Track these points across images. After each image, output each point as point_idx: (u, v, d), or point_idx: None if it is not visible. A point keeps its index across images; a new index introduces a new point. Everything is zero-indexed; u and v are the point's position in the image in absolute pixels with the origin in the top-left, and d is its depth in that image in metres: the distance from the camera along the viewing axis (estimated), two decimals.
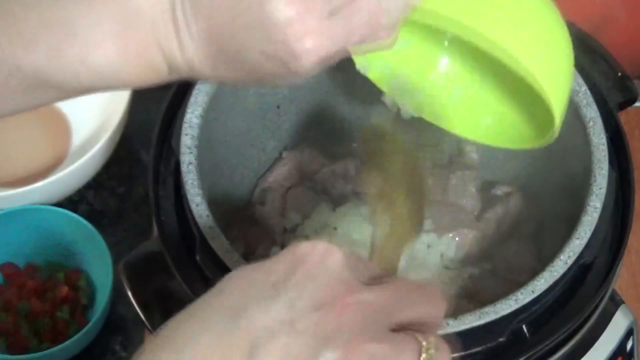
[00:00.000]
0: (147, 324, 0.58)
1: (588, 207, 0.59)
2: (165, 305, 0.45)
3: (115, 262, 0.73)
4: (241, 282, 0.40)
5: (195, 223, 0.58)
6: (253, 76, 0.49)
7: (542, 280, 0.56)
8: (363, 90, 0.75)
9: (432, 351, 0.41)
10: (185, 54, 0.48)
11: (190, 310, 0.40)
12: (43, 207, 0.77)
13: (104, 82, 0.49)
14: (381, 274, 0.43)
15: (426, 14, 0.49)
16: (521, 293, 0.55)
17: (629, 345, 0.65)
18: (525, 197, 0.74)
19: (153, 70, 0.49)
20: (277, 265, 0.40)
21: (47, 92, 0.50)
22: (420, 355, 0.40)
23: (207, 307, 0.39)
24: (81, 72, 0.48)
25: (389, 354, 0.39)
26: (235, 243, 0.65)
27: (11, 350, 0.74)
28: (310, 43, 0.46)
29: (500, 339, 0.55)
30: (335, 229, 0.70)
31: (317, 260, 0.40)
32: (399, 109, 0.62)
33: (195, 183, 0.59)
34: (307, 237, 0.71)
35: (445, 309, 0.43)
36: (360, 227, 0.69)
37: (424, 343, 0.41)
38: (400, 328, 0.41)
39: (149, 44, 0.48)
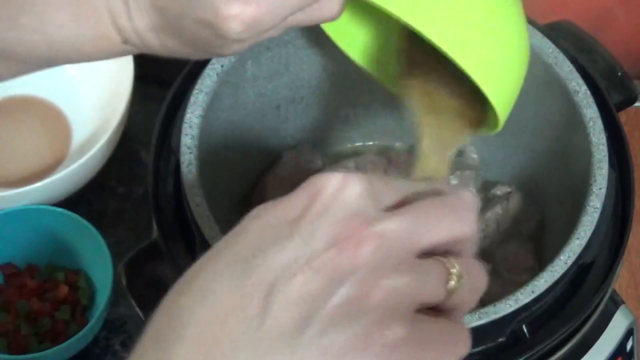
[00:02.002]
0: (147, 324, 0.58)
1: (588, 207, 0.59)
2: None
3: (115, 262, 0.73)
4: (258, 223, 0.39)
5: (195, 223, 0.58)
6: (194, 45, 0.51)
7: (542, 280, 0.56)
8: (363, 90, 0.75)
9: (460, 277, 0.39)
10: (134, 23, 0.50)
11: (208, 256, 0.39)
12: (43, 207, 0.77)
13: (62, 53, 0.51)
14: (406, 193, 0.41)
15: None
16: (521, 293, 0.55)
17: (629, 345, 0.65)
18: (525, 197, 0.74)
19: (107, 40, 0.51)
20: (293, 201, 0.39)
21: (8, 66, 0.52)
22: (447, 282, 0.39)
23: (224, 251, 0.39)
24: (38, 42, 0.50)
25: (411, 286, 0.38)
26: None
27: (11, 350, 0.74)
28: (237, 7, 0.47)
29: (500, 339, 0.55)
30: None
31: (333, 193, 0.38)
32: None
33: (195, 183, 0.59)
34: None
35: (475, 220, 0.41)
36: None
37: (453, 270, 0.39)
38: (428, 254, 0.39)
39: (101, 12, 0.50)
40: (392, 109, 0.77)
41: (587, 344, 0.61)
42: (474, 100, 0.57)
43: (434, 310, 0.40)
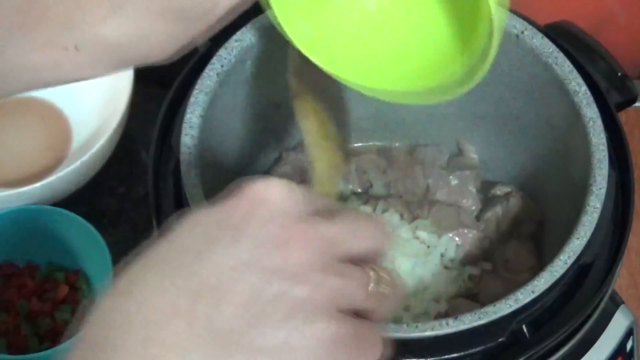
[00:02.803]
0: None
1: (588, 207, 0.59)
2: None
3: (115, 262, 0.73)
4: (200, 225, 0.40)
5: None
6: (182, 14, 0.51)
7: (542, 280, 0.56)
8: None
9: (378, 281, 0.42)
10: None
11: (151, 257, 0.39)
12: (43, 207, 0.77)
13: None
14: (328, 204, 0.43)
15: None
16: (521, 293, 0.55)
17: (629, 345, 0.65)
18: (525, 197, 0.74)
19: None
20: (234, 205, 0.40)
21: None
22: (367, 285, 0.41)
23: (166, 253, 0.39)
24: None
25: (345, 286, 0.40)
26: None
27: (11, 350, 0.74)
28: None
29: (500, 339, 0.55)
30: None
31: (274, 200, 0.40)
32: None
33: (195, 183, 0.59)
34: None
35: (387, 241, 0.43)
36: None
37: (372, 274, 0.41)
38: (348, 260, 0.41)
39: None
40: (392, 109, 0.77)
41: (587, 344, 0.61)
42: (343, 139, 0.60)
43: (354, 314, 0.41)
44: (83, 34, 0.50)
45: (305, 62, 0.57)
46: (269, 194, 0.40)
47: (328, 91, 0.59)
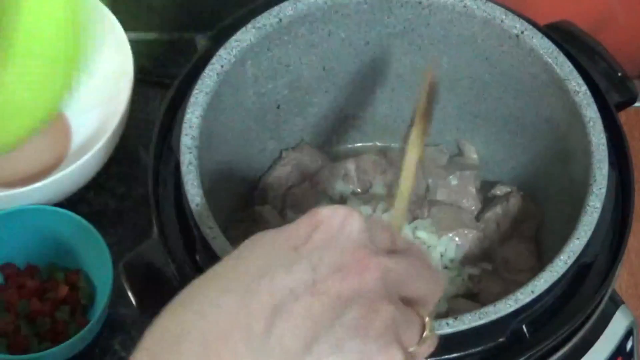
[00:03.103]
0: (147, 323, 0.58)
1: (588, 207, 0.59)
2: (165, 305, 0.44)
3: (115, 262, 0.73)
4: (262, 247, 0.40)
5: (195, 223, 0.58)
6: None
7: (542, 280, 0.56)
8: (363, 90, 0.75)
9: (432, 329, 0.42)
10: None
11: (210, 275, 0.40)
12: (43, 207, 0.77)
13: None
14: (397, 241, 0.43)
15: None
16: (521, 293, 0.55)
17: (629, 345, 0.65)
18: (525, 197, 0.74)
19: None
20: (297, 229, 0.41)
21: None
22: (424, 331, 0.41)
23: (228, 271, 0.40)
24: None
25: (403, 322, 0.40)
26: (235, 243, 0.64)
27: (11, 350, 0.74)
28: None
29: (500, 339, 0.55)
30: None
31: (338, 224, 0.40)
32: None
33: (195, 183, 0.59)
34: None
35: (443, 289, 0.44)
36: None
37: (427, 319, 0.42)
38: (406, 302, 0.41)
39: None
40: (392, 109, 0.77)
41: (587, 344, 0.61)
42: None
43: None
44: None
45: (433, 86, 0.58)
46: (333, 218, 0.40)
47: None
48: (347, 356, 0.38)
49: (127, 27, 0.81)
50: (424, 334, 0.42)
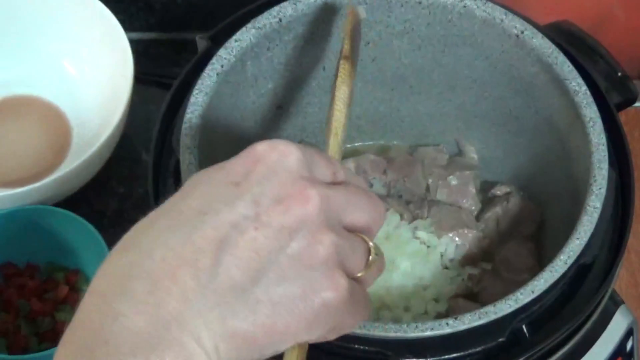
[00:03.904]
0: None
1: (588, 207, 0.59)
2: None
3: None
4: (204, 184, 0.41)
5: None
6: None
7: (542, 280, 0.56)
8: (362, 90, 0.75)
9: (377, 252, 0.43)
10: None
11: (154, 215, 0.41)
12: (43, 207, 0.77)
13: None
14: (337, 173, 0.44)
15: None
16: (521, 293, 0.55)
17: (629, 345, 0.65)
18: (525, 197, 0.74)
19: None
20: (237, 165, 0.41)
21: None
22: (369, 255, 0.43)
23: (171, 210, 0.41)
24: None
25: (347, 248, 0.41)
26: None
27: (11, 350, 0.74)
28: None
29: (500, 339, 0.55)
30: None
31: (277, 158, 0.41)
32: None
33: None
34: None
35: (384, 218, 0.45)
36: None
37: (371, 244, 0.43)
38: (349, 229, 0.42)
39: None
40: (392, 109, 0.77)
41: (587, 344, 0.61)
42: None
43: None
44: None
45: (356, 26, 0.60)
46: (271, 152, 0.41)
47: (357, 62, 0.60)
48: (293, 284, 0.39)
49: (127, 27, 0.81)
50: (370, 257, 0.43)
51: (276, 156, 0.41)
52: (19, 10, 0.86)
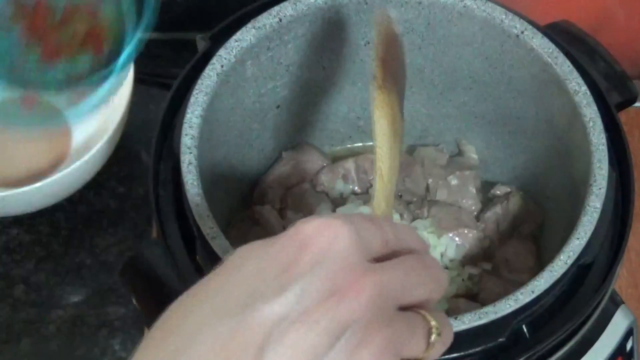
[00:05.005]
0: (147, 324, 0.58)
1: (588, 207, 0.59)
2: (165, 305, 0.45)
3: (115, 262, 0.73)
4: (250, 265, 0.39)
5: (195, 223, 0.58)
6: None
7: (542, 280, 0.56)
8: (362, 90, 0.75)
9: (439, 330, 0.41)
10: None
11: (199, 294, 0.39)
12: None
13: None
14: (389, 239, 0.41)
15: None
16: (521, 293, 0.55)
17: (629, 345, 0.65)
18: (525, 197, 0.74)
19: None
20: (285, 246, 0.39)
21: None
22: (430, 335, 0.40)
23: (218, 292, 0.38)
24: None
25: (403, 336, 0.38)
26: (235, 243, 0.65)
27: (45, 57, 0.64)
28: None
29: (500, 339, 0.55)
30: None
31: (326, 243, 0.38)
32: None
33: (195, 183, 0.59)
34: None
35: (446, 285, 0.42)
36: None
37: (433, 322, 0.40)
38: (408, 307, 0.40)
39: None
40: None
41: (587, 344, 0.61)
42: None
43: None
44: None
45: (390, 44, 0.54)
46: (320, 236, 0.38)
47: (402, 87, 0.54)
48: None
49: None
50: (432, 338, 0.40)
51: (326, 240, 0.38)
52: None
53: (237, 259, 0.39)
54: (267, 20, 0.66)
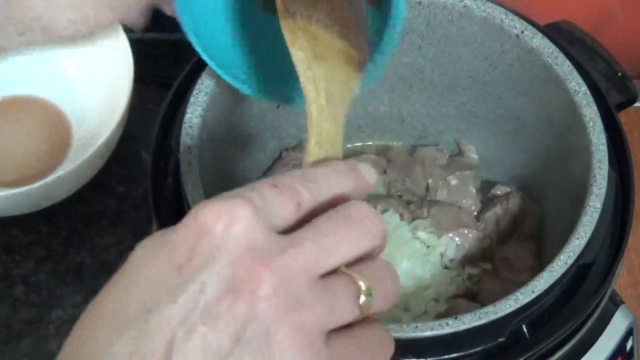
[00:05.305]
0: None
1: (588, 207, 0.59)
2: None
3: (115, 262, 0.73)
4: (145, 269, 0.36)
5: None
6: None
7: (542, 280, 0.56)
8: (361, 90, 0.75)
9: (369, 290, 0.37)
10: None
11: (98, 310, 0.36)
12: None
13: None
14: (303, 198, 0.38)
15: None
16: (521, 293, 0.55)
17: (628, 345, 0.65)
18: (525, 197, 0.74)
19: None
20: (179, 240, 0.36)
21: None
22: (358, 298, 0.37)
23: (115, 305, 0.36)
24: None
25: (320, 315, 0.36)
26: None
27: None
28: None
29: (500, 339, 0.55)
30: None
31: (222, 229, 0.35)
32: None
33: (195, 183, 0.59)
34: None
35: (382, 229, 0.38)
36: None
37: (360, 283, 0.37)
38: (333, 271, 0.37)
39: None
40: (392, 109, 0.77)
41: (587, 344, 0.61)
42: (357, 35, 0.50)
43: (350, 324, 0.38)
44: None
45: None
46: (215, 223, 0.35)
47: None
48: None
49: (127, 27, 0.81)
50: (360, 300, 0.37)
51: (221, 226, 0.35)
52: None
53: (138, 257, 0.37)
54: None
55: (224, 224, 0.35)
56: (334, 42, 0.48)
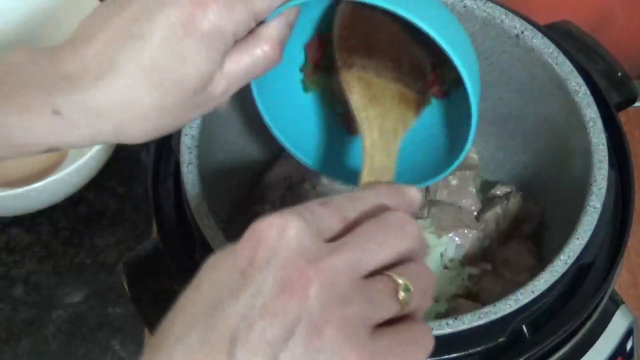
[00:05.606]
0: (146, 324, 0.58)
1: (588, 207, 0.59)
2: (165, 305, 0.45)
3: (115, 262, 0.73)
4: (214, 273, 0.41)
5: (195, 223, 0.58)
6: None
7: (542, 280, 0.56)
8: None
9: (407, 287, 0.41)
10: None
11: (177, 309, 0.41)
12: None
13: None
14: (347, 212, 0.43)
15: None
16: (521, 293, 0.55)
17: (628, 345, 0.65)
18: (525, 197, 0.74)
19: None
20: (242, 248, 0.41)
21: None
22: (398, 294, 0.41)
23: (188, 304, 0.41)
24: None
25: (363, 310, 0.40)
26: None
27: None
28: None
29: (500, 339, 0.55)
30: None
31: (275, 237, 0.40)
32: None
33: (195, 183, 0.59)
34: None
35: (416, 233, 0.43)
36: None
37: (399, 281, 0.41)
38: (375, 273, 0.41)
39: None
40: None
41: (587, 344, 0.61)
42: (414, 80, 0.58)
43: (392, 320, 0.42)
44: (63, 100, 0.49)
45: (347, 27, 0.56)
46: (270, 230, 0.41)
47: (378, 39, 0.56)
48: None
49: None
50: (400, 296, 0.41)
51: (275, 234, 0.40)
52: (18, 10, 0.86)
53: (209, 264, 0.42)
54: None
55: (278, 232, 0.40)
56: (388, 86, 0.55)
